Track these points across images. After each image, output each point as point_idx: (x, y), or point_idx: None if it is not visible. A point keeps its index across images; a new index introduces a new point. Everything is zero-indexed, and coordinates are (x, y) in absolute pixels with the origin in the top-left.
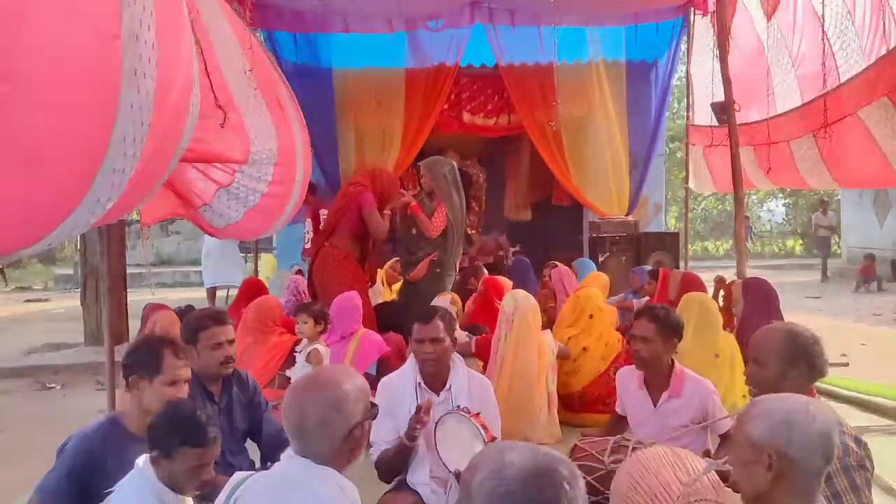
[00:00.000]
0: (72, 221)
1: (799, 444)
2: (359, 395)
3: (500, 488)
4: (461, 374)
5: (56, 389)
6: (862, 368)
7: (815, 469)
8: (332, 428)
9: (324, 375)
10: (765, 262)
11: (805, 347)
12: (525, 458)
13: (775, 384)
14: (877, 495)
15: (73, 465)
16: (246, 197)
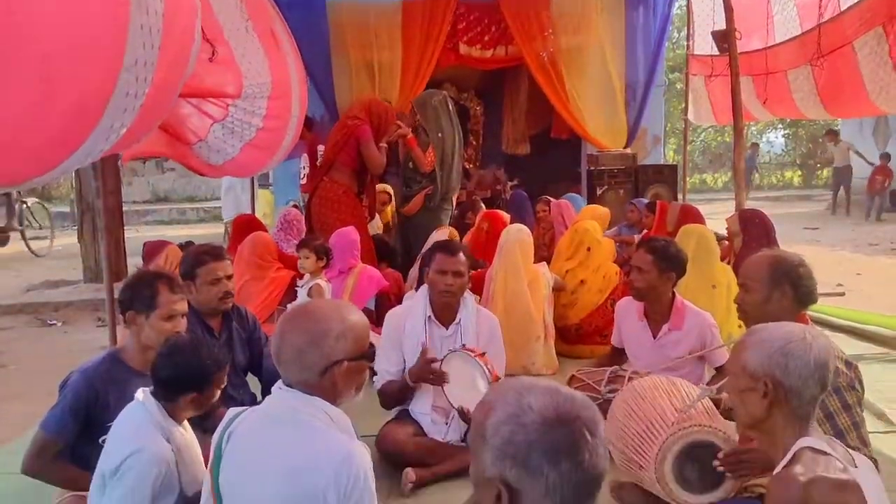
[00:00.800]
0: (87, 148)
1: (795, 372)
2: (346, 334)
3: (517, 436)
4: (471, 310)
5: (57, 326)
6: (857, 298)
7: (810, 396)
8: (307, 361)
9: (313, 307)
10: (763, 193)
11: (787, 270)
12: (544, 402)
13: (761, 308)
14: (869, 420)
15: (75, 400)
16: (242, 131)
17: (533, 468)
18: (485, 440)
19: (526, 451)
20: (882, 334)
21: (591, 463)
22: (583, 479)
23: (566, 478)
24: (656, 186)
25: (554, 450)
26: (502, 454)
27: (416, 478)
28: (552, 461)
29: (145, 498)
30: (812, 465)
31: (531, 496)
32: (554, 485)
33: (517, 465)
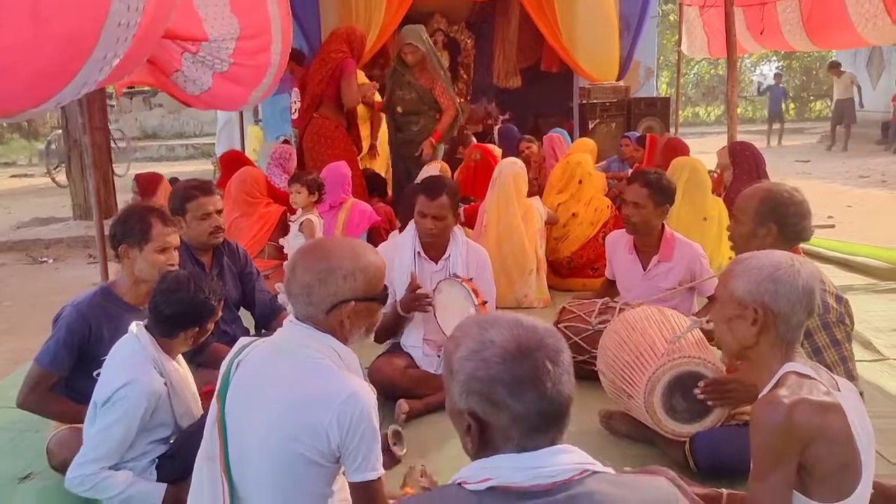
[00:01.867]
0: (81, 78)
1: (784, 298)
2: (356, 274)
3: (479, 371)
4: (460, 244)
5: (48, 263)
6: (848, 230)
7: (797, 321)
8: (314, 297)
9: (328, 244)
10: (755, 126)
11: (775, 207)
12: (505, 336)
13: (747, 241)
14: (857, 350)
15: (68, 334)
16: (212, 63)
17: (497, 401)
18: (453, 374)
19: (489, 385)
20: (871, 265)
21: (555, 391)
22: (547, 407)
23: (531, 408)
24: (648, 120)
25: (516, 382)
26: (468, 389)
27: (408, 409)
28: (515, 393)
29: (132, 428)
30: (796, 388)
31: (498, 427)
32: (519, 415)
33: (482, 399)
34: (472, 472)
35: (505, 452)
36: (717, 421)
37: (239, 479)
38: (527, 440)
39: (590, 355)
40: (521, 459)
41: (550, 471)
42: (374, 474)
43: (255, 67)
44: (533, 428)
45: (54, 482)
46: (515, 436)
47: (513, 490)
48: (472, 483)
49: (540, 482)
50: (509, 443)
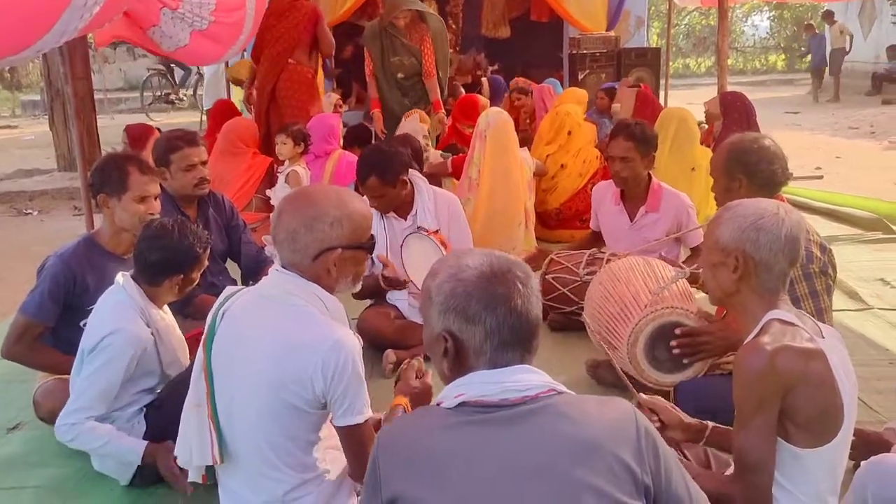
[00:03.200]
0: (62, 25)
1: (766, 246)
2: (342, 221)
3: (457, 289)
4: (426, 197)
5: (33, 215)
6: (836, 181)
7: (779, 270)
8: (300, 243)
9: (315, 191)
10: (746, 78)
11: (739, 158)
12: (481, 261)
13: (723, 195)
14: (842, 300)
15: (53, 284)
16: (192, 21)
17: (472, 315)
18: (431, 301)
19: (465, 300)
20: (857, 216)
21: (525, 308)
22: (517, 322)
23: (502, 321)
24: (639, 70)
25: (489, 297)
26: (445, 308)
27: (396, 359)
28: (488, 307)
29: (118, 376)
30: (779, 335)
31: (473, 342)
32: (492, 329)
33: (458, 316)
34: (448, 392)
35: (478, 369)
36: (700, 371)
37: (226, 425)
38: (498, 355)
39: (577, 306)
40: (492, 375)
41: (519, 386)
42: (359, 418)
43: (232, 25)
44: (504, 343)
45: (42, 432)
46: (488, 351)
47: (482, 403)
48: (448, 400)
49: (508, 396)
50: (482, 358)
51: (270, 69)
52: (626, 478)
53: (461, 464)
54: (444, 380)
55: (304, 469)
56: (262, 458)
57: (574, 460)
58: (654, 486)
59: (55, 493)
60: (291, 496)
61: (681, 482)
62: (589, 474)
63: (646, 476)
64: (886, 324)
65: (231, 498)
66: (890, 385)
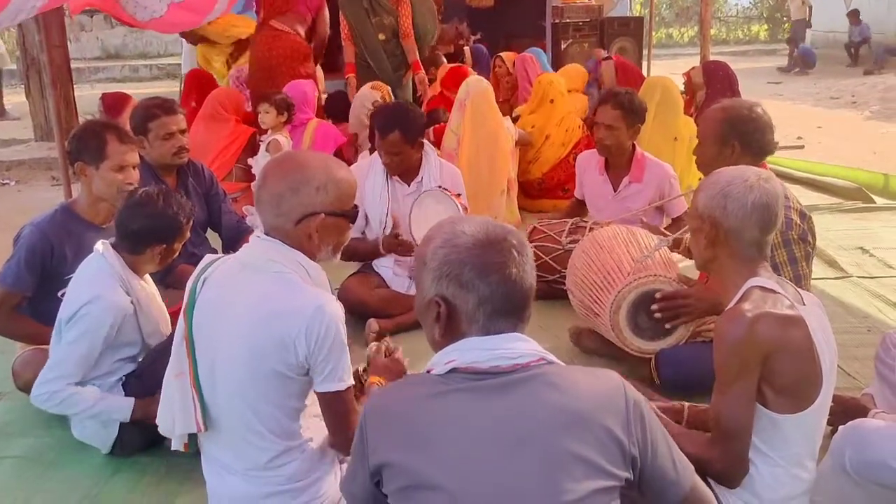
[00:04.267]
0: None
1: (733, 213)
2: (328, 187)
3: (451, 256)
4: (433, 165)
5: (10, 185)
6: (817, 150)
7: (750, 238)
8: (284, 207)
9: (301, 156)
10: (729, 48)
11: (735, 125)
12: (477, 228)
13: (713, 162)
14: (821, 268)
15: (30, 253)
16: None
17: (465, 282)
18: (425, 265)
19: (459, 267)
20: (837, 185)
21: (519, 277)
22: (511, 290)
23: (495, 289)
24: (622, 40)
25: (483, 265)
26: (439, 273)
27: (378, 328)
28: (482, 275)
29: (97, 344)
30: (760, 302)
31: (465, 308)
32: (485, 296)
33: (452, 282)
34: (439, 359)
35: (470, 336)
36: (682, 338)
37: (209, 393)
38: (491, 323)
39: (560, 275)
40: (484, 342)
41: (511, 353)
42: (341, 385)
43: None
44: (497, 311)
45: (21, 402)
46: (480, 318)
47: (473, 370)
48: (439, 367)
49: (499, 363)
50: (474, 325)
51: (273, 40)
52: (613, 448)
53: (450, 431)
54: (435, 346)
55: (288, 436)
56: (245, 424)
57: (563, 429)
58: (640, 456)
59: (35, 462)
60: (275, 463)
61: (667, 454)
62: (577, 444)
63: (633, 447)
64: (865, 292)
65: (214, 465)
66: (868, 352)
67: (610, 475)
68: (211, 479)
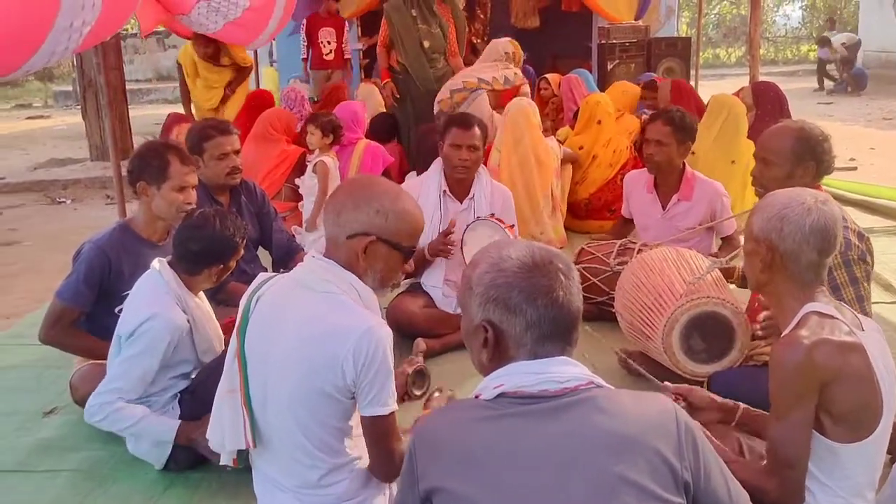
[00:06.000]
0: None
1: (790, 237)
2: (388, 213)
3: (498, 280)
4: (485, 184)
5: (66, 204)
6: (870, 172)
7: (807, 261)
8: (343, 218)
9: (379, 179)
10: (778, 68)
11: (814, 145)
12: (523, 252)
13: (783, 183)
14: (877, 292)
15: (88, 270)
16: (227, 11)
17: (513, 307)
18: (472, 290)
19: (507, 292)
20: (892, 207)
21: (566, 300)
22: (559, 314)
23: (543, 313)
24: (669, 60)
25: (531, 289)
26: (486, 298)
27: (426, 347)
28: (530, 299)
29: (155, 361)
30: (817, 328)
31: (513, 333)
32: (533, 320)
33: (499, 307)
34: (487, 383)
35: (518, 360)
36: (735, 361)
37: (259, 411)
38: (539, 347)
39: (608, 296)
40: (532, 366)
41: (559, 377)
42: (385, 409)
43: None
44: (545, 335)
45: (78, 416)
46: (529, 342)
47: (521, 395)
48: (487, 392)
49: (548, 387)
50: (522, 349)
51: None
52: (665, 473)
53: (499, 456)
54: (483, 370)
55: (335, 454)
56: (294, 442)
57: (613, 454)
58: (693, 482)
59: (90, 476)
60: (326, 481)
61: (720, 479)
62: (628, 469)
63: (685, 472)
64: None
65: (265, 482)
66: None
67: (662, 500)
68: (262, 495)
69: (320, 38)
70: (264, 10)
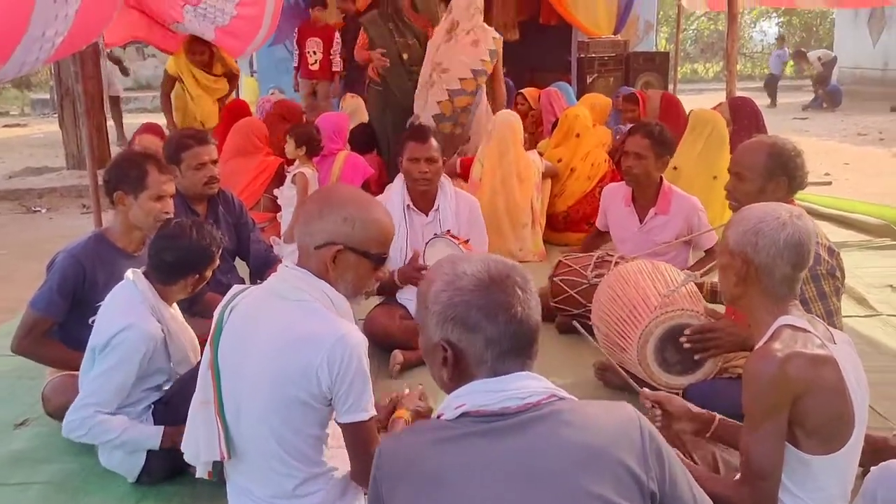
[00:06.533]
0: (18, 58)
1: (764, 250)
2: (355, 221)
3: (454, 298)
4: (449, 195)
5: (42, 213)
6: (844, 187)
7: (781, 275)
8: (312, 227)
9: (347, 188)
10: (755, 83)
11: (786, 161)
12: (478, 267)
13: (755, 197)
14: (851, 305)
15: (62, 279)
16: (214, 17)
17: (472, 325)
18: (428, 309)
19: (464, 310)
20: (866, 222)
21: (525, 314)
22: (519, 329)
23: (503, 330)
24: (647, 75)
25: (489, 306)
26: (444, 318)
27: (403, 359)
28: (489, 315)
29: (131, 373)
30: (790, 341)
31: (473, 351)
32: (492, 337)
33: (458, 325)
34: (449, 403)
35: (479, 378)
36: (710, 373)
37: (233, 422)
38: (498, 364)
39: (585, 309)
40: (492, 384)
41: (521, 393)
42: (364, 415)
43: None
44: (505, 351)
45: (50, 428)
46: (489, 359)
47: (484, 413)
48: (449, 412)
49: (510, 404)
50: (483, 367)
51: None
52: (631, 484)
53: (464, 476)
54: (444, 388)
55: (312, 464)
56: (269, 452)
57: (579, 467)
58: (659, 491)
59: (62, 489)
60: (301, 490)
61: (685, 486)
62: (594, 482)
63: (651, 482)
64: (895, 330)
65: (239, 493)
66: None
67: None
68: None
69: (307, 48)
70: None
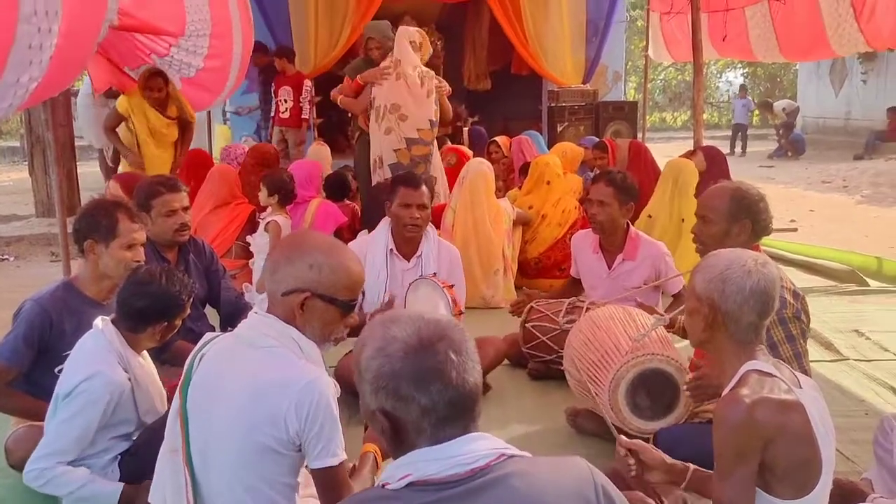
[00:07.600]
0: None
1: (731, 297)
2: (323, 268)
3: (384, 368)
4: (432, 243)
5: (9, 261)
6: (810, 233)
7: (747, 322)
8: (278, 274)
9: (313, 234)
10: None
11: (749, 204)
12: (408, 331)
13: (720, 240)
14: (817, 350)
15: (28, 328)
16: (179, 68)
17: (404, 395)
18: (362, 376)
19: (394, 380)
20: (831, 268)
21: (460, 380)
22: (454, 396)
23: (437, 398)
24: (616, 123)
25: (419, 374)
26: (376, 387)
27: None
28: (420, 386)
29: (93, 421)
30: (757, 387)
31: (410, 421)
32: (427, 407)
33: (390, 395)
34: (393, 471)
35: (421, 447)
36: (680, 418)
37: (201, 471)
38: (439, 431)
39: (557, 355)
40: (436, 451)
41: (467, 458)
42: (335, 460)
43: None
44: (443, 418)
45: (12, 480)
46: (427, 428)
47: (431, 482)
48: (394, 482)
49: (457, 471)
50: (422, 436)
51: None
52: None
53: None
54: (389, 454)
55: None
56: (238, 502)
57: None
58: None
59: None
60: None
61: None
62: None
63: None
64: (862, 375)
65: None
66: (866, 436)
67: None
68: None
69: (280, 96)
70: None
